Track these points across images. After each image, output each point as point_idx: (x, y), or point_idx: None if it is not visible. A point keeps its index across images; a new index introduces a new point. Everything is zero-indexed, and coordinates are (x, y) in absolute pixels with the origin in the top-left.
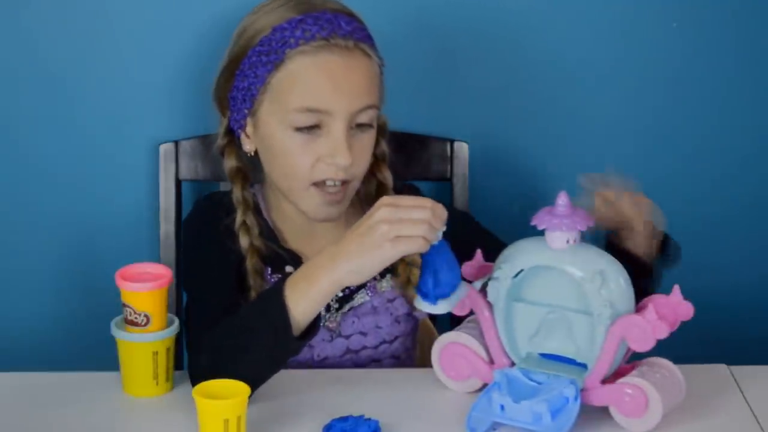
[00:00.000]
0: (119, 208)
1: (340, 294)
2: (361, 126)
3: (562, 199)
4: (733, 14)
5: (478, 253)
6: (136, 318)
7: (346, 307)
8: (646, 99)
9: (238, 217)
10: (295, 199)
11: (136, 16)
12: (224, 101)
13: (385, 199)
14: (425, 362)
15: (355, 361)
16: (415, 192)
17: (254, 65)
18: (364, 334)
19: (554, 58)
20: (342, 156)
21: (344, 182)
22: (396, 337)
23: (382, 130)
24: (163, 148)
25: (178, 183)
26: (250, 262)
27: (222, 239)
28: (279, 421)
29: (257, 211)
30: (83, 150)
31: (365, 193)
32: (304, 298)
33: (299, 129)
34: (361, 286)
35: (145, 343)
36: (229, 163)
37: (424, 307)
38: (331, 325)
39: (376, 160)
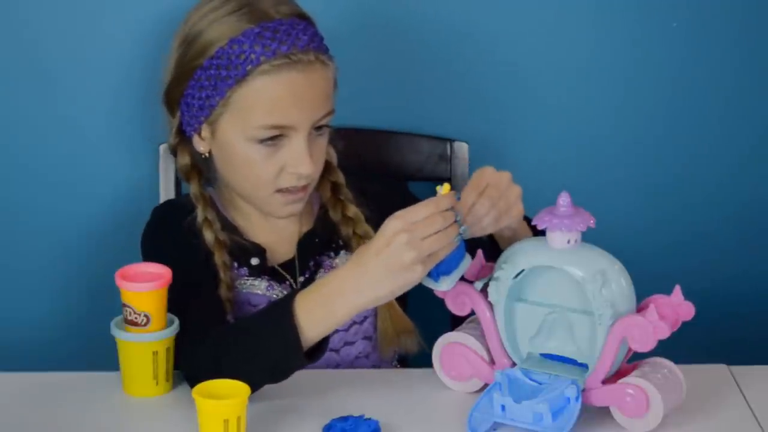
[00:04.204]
0: (119, 208)
1: (302, 279)
2: (319, 128)
3: (563, 199)
4: (733, 14)
5: (479, 253)
6: (136, 318)
7: None
8: (647, 99)
9: (200, 213)
10: (257, 202)
11: (135, 15)
12: (175, 104)
13: (397, 224)
14: (388, 338)
15: (329, 344)
16: (370, 185)
17: (212, 78)
18: None
19: (554, 57)
20: (305, 166)
21: (304, 186)
22: (365, 317)
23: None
24: (163, 148)
25: (178, 183)
26: (218, 257)
27: (186, 239)
28: (279, 421)
29: (215, 209)
30: (83, 150)
31: (322, 193)
32: (321, 325)
33: (262, 141)
34: (318, 267)
35: (145, 343)
36: (183, 160)
37: (428, 283)
38: None
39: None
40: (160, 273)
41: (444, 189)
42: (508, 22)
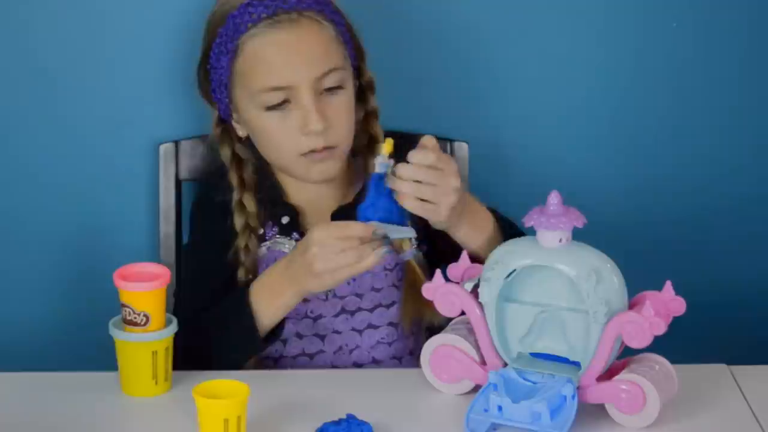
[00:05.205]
0: (119, 208)
1: None
2: (330, 90)
3: (553, 198)
4: (733, 14)
5: (464, 253)
6: (135, 318)
7: None
8: (646, 99)
9: (235, 196)
10: (288, 169)
11: (134, 15)
12: (209, 95)
13: (315, 235)
14: (411, 304)
15: (351, 324)
16: (407, 141)
17: (218, 57)
18: (359, 295)
19: (554, 58)
20: (314, 122)
21: (328, 148)
22: (393, 302)
23: (370, 86)
24: (163, 148)
25: (178, 183)
26: (242, 240)
27: (225, 216)
28: (279, 421)
29: (268, 172)
30: (83, 150)
31: (356, 145)
32: (270, 308)
33: (271, 108)
34: None
35: (144, 342)
36: (224, 150)
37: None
38: None
39: (367, 115)
40: (159, 273)
41: (386, 145)
42: (508, 22)
